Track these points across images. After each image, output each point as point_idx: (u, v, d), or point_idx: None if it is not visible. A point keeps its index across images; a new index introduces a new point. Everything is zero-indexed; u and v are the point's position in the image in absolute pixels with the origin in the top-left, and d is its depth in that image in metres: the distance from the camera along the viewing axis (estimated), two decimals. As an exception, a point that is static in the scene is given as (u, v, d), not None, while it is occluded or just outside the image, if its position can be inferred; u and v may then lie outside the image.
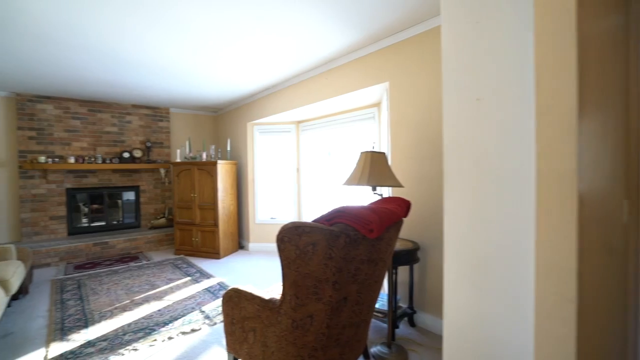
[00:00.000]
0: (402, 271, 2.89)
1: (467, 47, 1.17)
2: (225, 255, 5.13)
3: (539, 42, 0.99)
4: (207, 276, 4.15)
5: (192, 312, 3.12)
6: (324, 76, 3.83)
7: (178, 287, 3.77)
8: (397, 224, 1.91)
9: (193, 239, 5.12)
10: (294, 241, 1.64)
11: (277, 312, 1.77)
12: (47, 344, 2.62)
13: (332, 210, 1.69)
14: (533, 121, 1.01)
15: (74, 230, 5.33)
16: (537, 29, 0.99)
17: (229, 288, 2.06)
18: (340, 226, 1.62)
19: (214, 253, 5.01)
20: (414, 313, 2.78)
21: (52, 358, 2.41)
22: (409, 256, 2.55)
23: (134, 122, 5.76)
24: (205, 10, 2.51)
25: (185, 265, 4.62)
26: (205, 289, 3.71)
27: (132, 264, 4.74)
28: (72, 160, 5.07)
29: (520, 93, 1.05)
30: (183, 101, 5.60)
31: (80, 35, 2.90)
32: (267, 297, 1.89)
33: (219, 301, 3.35)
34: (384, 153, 2.31)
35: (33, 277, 4.12)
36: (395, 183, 2.25)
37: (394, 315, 2.49)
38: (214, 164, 4.92)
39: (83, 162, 5.17)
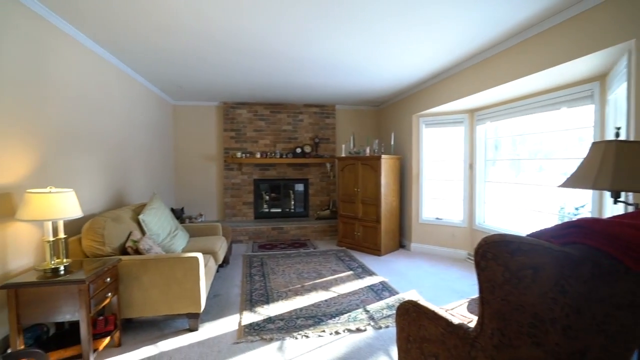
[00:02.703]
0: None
1: None
2: (386, 252, 4.98)
3: None
4: (369, 273, 4.09)
5: (356, 309, 3.07)
6: (515, 50, 3.09)
7: (342, 280, 3.84)
8: (681, 253, 1.21)
9: (355, 233, 5.20)
10: (502, 259, 1.25)
11: (471, 345, 1.41)
12: (240, 311, 3.06)
13: (564, 224, 1.20)
14: None
15: (259, 215, 6.29)
16: None
17: (405, 300, 1.82)
18: (582, 248, 1.12)
19: (374, 249, 4.94)
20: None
21: (244, 325, 2.78)
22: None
23: (305, 120, 6.31)
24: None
25: (347, 259, 4.72)
26: (368, 286, 3.64)
27: (301, 250, 5.19)
28: (258, 155, 5.98)
29: None
30: (348, 97, 5.74)
31: (269, 43, 3.23)
32: (455, 320, 1.54)
33: (383, 303, 3.20)
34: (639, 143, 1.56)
35: (232, 250, 5.04)
36: (660, 187, 1.48)
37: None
38: (378, 158, 4.82)
39: (266, 157, 6.01)
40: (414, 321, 1.75)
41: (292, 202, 6.53)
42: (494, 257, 1.27)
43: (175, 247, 3.43)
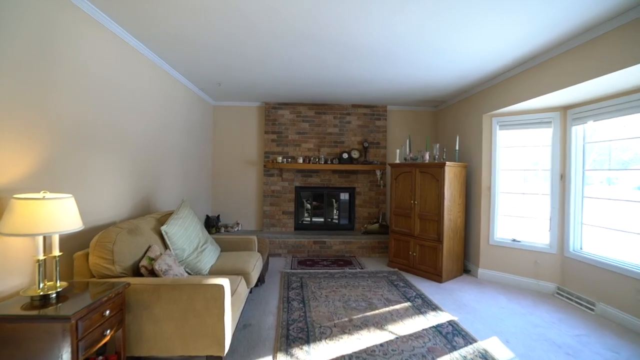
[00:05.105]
0: None
1: None
2: (448, 279, 4.14)
3: None
4: (431, 306, 3.30)
5: (423, 362, 2.33)
6: (661, 15, 2.21)
7: (398, 315, 3.10)
8: None
9: (410, 252, 4.42)
10: None
11: None
12: (274, 352, 2.45)
13: None
14: None
15: (299, 226, 5.72)
16: None
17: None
18: None
19: (434, 274, 4.13)
20: None
21: (277, 374, 2.16)
22: None
23: (353, 122, 5.67)
24: None
25: (402, 284, 3.96)
26: (434, 327, 2.86)
27: (347, 269, 4.51)
28: (300, 160, 5.42)
29: None
30: (402, 96, 5.02)
31: (312, 24, 2.64)
32: None
33: (459, 355, 2.41)
34: None
35: (269, 265, 4.49)
36: None
37: None
38: (441, 166, 4.03)
39: (309, 163, 5.44)
40: None
41: (336, 213, 5.88)
42: None
43: (202, 264, 2.93)
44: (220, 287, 2.10)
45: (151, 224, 2.79)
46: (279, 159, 5.41)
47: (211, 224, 5.30)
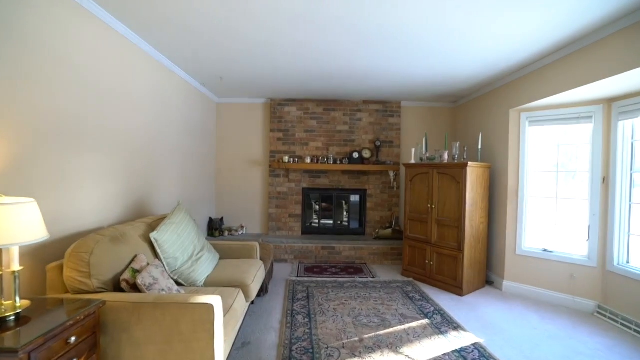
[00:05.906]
0: None
1: None
2: (470, 291, 3.76)
3: None
4: (453, 325, 2.94)
5: (448, 398, 1.97)
6: None
7: (415, 334, 2.74)
8: None
9: (427, 261, 4.05)
10: None
11: None
12: (274, 378, 2.14)
13: None
14: None
15: (306, 229, 5.40)
16: None
17: None
18: None
19: (454, 286, 3.75)
20: None
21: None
22: None
23: (364, 119, 5.32)
24: None
25: (417, 297, 3.59)
26: (457, 351, 2.50)
27: (357, 278, 4.17)
28: (308, 160, 5.11)
29: None
30: (417, 91, 4.64)
31: (326, 6, 2.32)
32: None
33: (490, 391, 2.05)
34: None
35: (273, 272, 4.19)
36: None
37: None
38: (463, 166, 3.65)
39: (317, 162, 5.12)
40: None
41: (346, 217, 5.53)
42: None
43: (197, 274, 2.64)
44: (210, 307, 1.79)
45: (140, 230, 2.51)
46: (286, 158, 5.11)
47: (214, 227, 5.03)
